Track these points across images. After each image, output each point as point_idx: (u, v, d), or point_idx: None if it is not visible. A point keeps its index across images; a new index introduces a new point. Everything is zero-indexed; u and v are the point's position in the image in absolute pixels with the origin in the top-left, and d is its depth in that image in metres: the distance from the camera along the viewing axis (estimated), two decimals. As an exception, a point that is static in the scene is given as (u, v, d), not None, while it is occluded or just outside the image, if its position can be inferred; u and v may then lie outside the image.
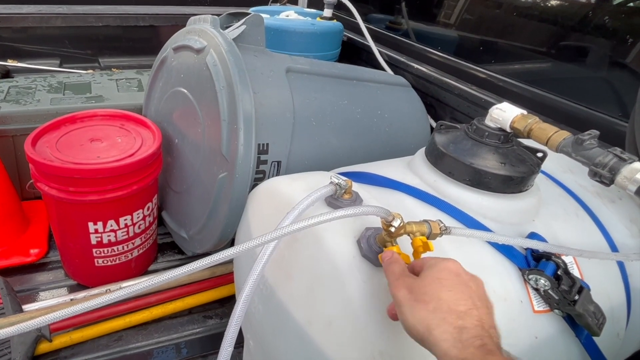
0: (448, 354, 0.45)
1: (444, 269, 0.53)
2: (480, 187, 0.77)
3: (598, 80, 1.18)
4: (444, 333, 0.47)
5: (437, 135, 0.84)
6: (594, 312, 0.69)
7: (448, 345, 0.46)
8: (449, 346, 0.46)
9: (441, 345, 0.46)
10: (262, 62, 1.13)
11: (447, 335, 0.46)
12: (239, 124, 0.99)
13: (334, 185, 0.69)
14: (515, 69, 1.37)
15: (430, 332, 0.47)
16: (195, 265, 0.58)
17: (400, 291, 0.52)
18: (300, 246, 0.74)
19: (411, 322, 0.50)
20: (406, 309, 0.51)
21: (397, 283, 0.54)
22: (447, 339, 0.46)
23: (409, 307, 0.50)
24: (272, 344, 0.83)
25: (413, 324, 0.49)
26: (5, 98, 1.45)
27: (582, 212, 0.85)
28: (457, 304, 0.49)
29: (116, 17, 1.99)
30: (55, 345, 1.07)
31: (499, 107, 0.78)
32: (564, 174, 0.92)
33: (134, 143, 1.16)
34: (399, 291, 0.53)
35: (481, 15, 1.53)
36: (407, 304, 0.51)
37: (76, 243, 1.17)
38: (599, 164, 0.66)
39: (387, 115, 1.33)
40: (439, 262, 0.54)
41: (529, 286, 0.72)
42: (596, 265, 0.77)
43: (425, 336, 0.48)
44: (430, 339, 0.47)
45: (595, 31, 1.17)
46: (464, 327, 0.47)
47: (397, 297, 0.52)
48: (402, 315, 0.51)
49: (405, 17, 1.83)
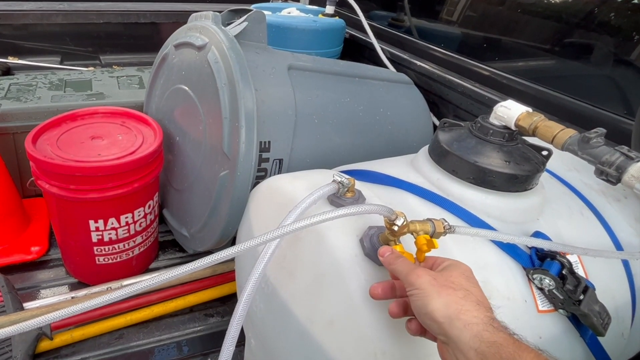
0: (479, 336, 0.45)
1: (467, 269, 0.54)
2: (484, 186, 0.76)
3: (603, 78, 1.17)
4: (474, 317, 0.47)
5: (441, 133, 0.83)
6: (599, 312, 0.68)
7: (479, 328, 0.46)
8: (480, 330, 0.46)
9: (472, 327, 0.46)
10: (263, 59, 1.12)
11: (478, 320, 0.47)
12: (241, 122, 0.99)
13: (337, 183, 0.68)
14: (519, 66, 1.36)
15: (459, 315, 0.47)
16: (197, 264, 0.58)
17: (423, 277, 0.52)
18: (303, 245, 0.73)
19: (435, 305, 0.49)
20: (431, 292, 0.50)
21: (419, 271, 0.53)
22: (477, 322, 0.46)
23: (435, 292, 0.50)
24: (274, 342, 0.83)
25: (437, 307, 0.49)
26: (6, 95, 1.45)
27: (587, 210, 0.85)
28: (483, 299, 0.50)
29: (117, 14, 1.98)
30: (57, 343, 1.07)
31: (504, 104, 0.77)
32: (569, 172, 0.92)
33: (135, 141, 1.16)
34: (421, 277, 0.52)
35: (484, 12, 1.52)
36: (432, 289, 0.50)
37: (77, 241, 1.17)
38: (605, 163, 0.65)
39: (390, 113, 1.32)
40: (460, 263, 0.55)
41: (533, 286, 0.71)
42: (601, 264, 0.77)
43: (450, 320, 0.47)
44: (457, 323, 0.47)
45: (600, 28, 1.16)
46: (493, 318, 0.48)
47: (419, 283, 0.51)
48: (426, 299, 0.50)
49: (407, 14, 1.82)
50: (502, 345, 0.45)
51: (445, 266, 0.55)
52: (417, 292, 0.51)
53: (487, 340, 0.45)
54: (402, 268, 0.55)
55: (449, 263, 0.55)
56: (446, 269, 0.54)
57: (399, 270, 0.56)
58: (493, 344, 0.45)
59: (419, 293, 0.51)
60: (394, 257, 0.58)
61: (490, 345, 0.45)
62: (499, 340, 0.45)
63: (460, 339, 0.46)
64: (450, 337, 0.48)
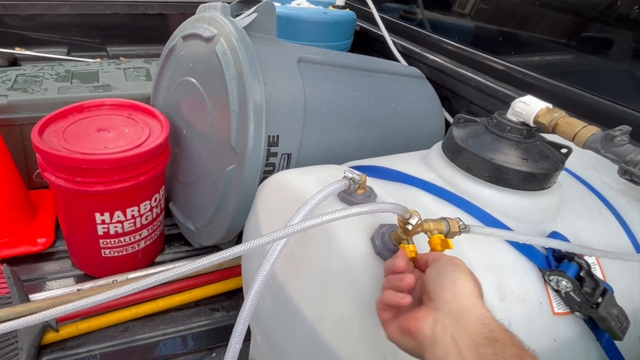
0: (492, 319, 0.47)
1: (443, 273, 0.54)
2: (500, 184, 0.74)
3: (625, 73, 1.13)
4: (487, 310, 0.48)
5: (455, 129, 0.81)
6: (618, 315, 0.66)
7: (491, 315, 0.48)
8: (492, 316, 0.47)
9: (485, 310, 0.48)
10: (273, 52, 1.10)
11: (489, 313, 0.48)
12: (249, 115, 0.97)
13: (348, 179, 0.66)
14: (535, 61, 1.32)
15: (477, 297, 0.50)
16: (204, 261, 0.57)
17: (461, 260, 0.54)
18: (312, 242, 0.72)
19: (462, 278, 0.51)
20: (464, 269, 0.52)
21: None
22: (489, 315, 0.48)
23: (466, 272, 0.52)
24: (280, 339, 0.82)
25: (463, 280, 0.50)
26: (12, 86, 1.44)
27: (605, 210, 0.82)
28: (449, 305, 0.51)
29: (125, 5, 1.96)
30: (62, 335, 1.06)
31: (523, 100, 0.74)
32: (587, 170, 0.89)
33: (142, 133, 1.14)
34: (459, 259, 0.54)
35: (499, 3, 1.47)
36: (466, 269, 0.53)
37: (83, 233, 1.16)
38: (630, 162, 0.63)
39: (401, 108, 1.29)
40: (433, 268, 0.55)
41: (549, 287, 0.69)
42: (620, 266, 0.74)
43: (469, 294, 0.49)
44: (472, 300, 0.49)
45: (621, 20, 1.11)
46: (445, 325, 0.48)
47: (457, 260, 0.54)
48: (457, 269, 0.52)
49: (420, 6, 1.78)
50: (513, 338, 0.45)
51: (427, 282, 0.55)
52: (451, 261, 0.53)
53: (498, 326, 0.46)
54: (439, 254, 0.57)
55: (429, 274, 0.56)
56: None
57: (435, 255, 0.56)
58: (504, 330, 0.46)
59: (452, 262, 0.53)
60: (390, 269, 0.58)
61: (501, 330, 0.45)
62: (509, 334, 0.46)
63: (470, 311, 0.48)
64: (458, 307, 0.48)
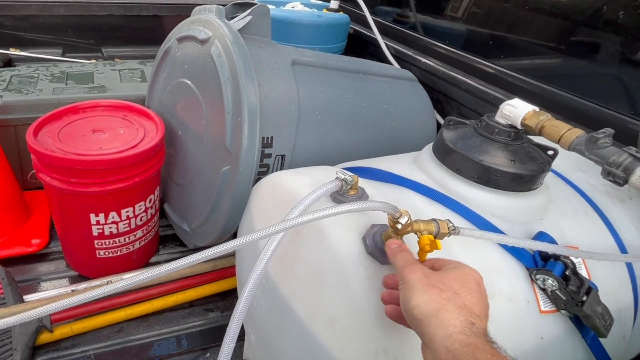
0: (453, 337, 0.45)
1: (468, 274, 0.52)
2: (488, 185, 0.75)
3: (611, 77, 1.16)
4: (453, 319, 0.46)
5: (446, 131, 0.82)
6: (602, 313, 0.68)
7: (456, 330, 0.45)
8: (456, 331, 0.45)
9: (447, 328, 0.45)
10: (267, 54, 1.11)
11: (457, 322, 0.46)
12: (244, 117, 0.98)
13: (340, 180, 0.68)
14: (524, 65, 1.34)
15: (437, 314, 0.47)
16: (198, 257, 0.57)
17: (415, 274, 0.51)
18: (304, 241, 0.73)
19: (417, 301, 0.48)
20: (417, 289, 0.50)
21: (413, 267, 0.53)
22: (455, 324, 0.46)
23: (421, 289, 0.49)
24: (274, 338, 0.83)
25: (418, 303, 0.48)
26: (7, 87, 1.44)
27: (591, 211, 0.84)
28: (473, 305, 0.48)
29: (120, 6, 1.96)
30: (56, 336, 1.07)
31: (510, 103, 0.76)
32: (574, 172, 0.91)
33: (137, 134, 1.15)
34: (413, 273, 0.52)
35: (490, 8, 1.50)
36: (420, 286, 0.50)
37: (78, 234, 1.17)
38: (613, 163, 0.65)
39: (393, 110, 1.31)
40: (464, 267, 0.54)
41: (536, 286, 0.71)
42: (604, 265, 0.76)
43: (428, 317, 0.47)
44: (434, 321, 0.46)
45: (607, 26, 1.14)
46: (474, 323, 0.47)
47: (409, 278, 0.51)
48: (409, 293, 0.50)
49: (413, 9, 1.81)
50: (478, 348, 0.44)
51: (447, 268, 0.54)
52: (405, 286, 0.51)
53: (461, 341, 0.44)
54: (400, 262, 0.56)
55: (453, 265, 0.55)
56: (446, 270, 0.53)
57: (397, 263, 0.56)
58: (468, 345, 0.44)
59: (405, 287, 0.51)
60: (398, 249, 0.58)
61: (465, 345, 0.44)
62: (475, 343, 0.44)
63: (434, 336, 0.46)
64: (424, 335, 0.47)
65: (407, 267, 0.53)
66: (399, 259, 0.56)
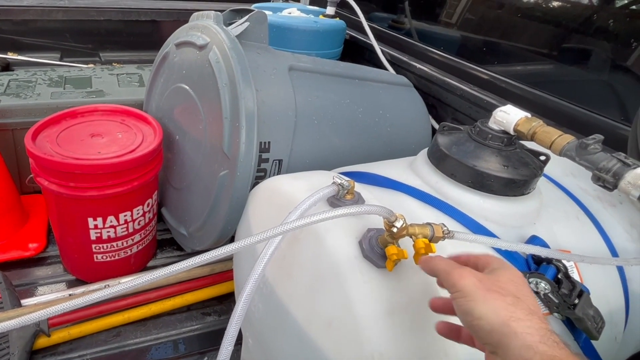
0: (533, 348, 0.42)
1: (517, 275, 0.50)
2: (482, 190, 0.76)
3: (601, 84, 1.18)
4: (528, 327, 0.43)
5: (440, 137, 0.84)
6: (594, 316, 0.69)
7: (534, 339, 0.42)
8: (535, 340, 0.42)
9: (525, 337, 0.42)
10: (264, 60, 1.13)
11: (533, 330, 0.43)
12: (241, 122, 0.99)
13: (337, 185, 0.69)
14: (517, 71, 1.37)
15: (509, 323, 0.43)
16: (195, 260, 0.58)
17: (467, 278, 0.48)
18: (302, 246, 0.74)
19: (482, 311, 0.45)
20: (476, 296, 0.46)
21: (461, 271, 0.49)
22: (532, 333, 0.43)
23: (481, 296, 0.46)
24: (272, 342, 0.83)
25: (484, 313, 0.44)
26: (5, 91, 1.44)
27: (582, 215, 0.85)
28: (535, 306, 0.46)
29: (118, 11, 1.98)
30: (54, 340, 1.07)
31: (503, 109, 0.78)
32: (566, 177, 0.92)
33: (135, 139, 1.16)
34: (465, 278, 0.48)
35: (484, 15, 1.52)
36: (478, 292, 0.46)
37: (75, 238, 1.17)
38: (602, 169, 0.66)
39: (389, 115, 1.32)
40: (509, 266, 0.51)
41: (529, 289, 0.72)
42: (596, 269, 0.77)
43: (500, 326, 0.44)
44: (507, 330, 0.43)
45: (598, 34, 1.17)
46: (548, 329, 0.44)
47: (462, 284, 0.47)
48: (470, 303, 0.46)
49: (408, 16, 1.83)
50: None
51: (493, 269, 0.51)
52: (461, 295, 0.47)
53: (543, 352, 0.41)
54: (442, 266, 0.52)
55: (497, 265, 0.51)
56: (494, 272, 0.50)
57: (438, 268, 0.52)
58: (553, 357, 0.41)
59: (462, 297, 0.47)
60: (431, 258, 0.55)
61: (549, 358, 0.41)
62: (559, 355, 0.41)
63: (509, 348, 0.42)
64: (499, 347, 0.44)
65: (453, 271, 0.49)
66: (438, 263, 0.52)
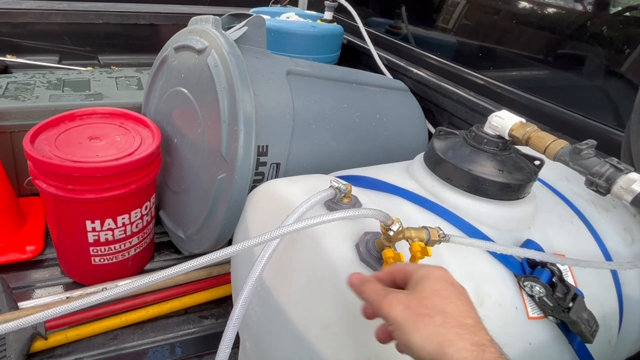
0: None
1: (439, 279, 0.48)
2: (478, 194, 0.77)
3: (595, 89, 1.20)
4: (462, 351, 0.42)
5: (436, 141, 0.85)
6: (588, 319, 0.70)
7: (469, 355, 0.41)
8: (470, 357, 0.41)
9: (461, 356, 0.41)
10: (263, 64, 1.14)
11: (467, 354, 0.42)
12: (239, 126, 1.00)
13: (334, 189, 0.69)
14: (513, 76, 1.38)
15: (444, 350, 0.42)
16: (193, 263, 0.58)
17: (395, 308, 0.46)
18: (299, 249, 0.74)
19: (416, 342, 0.43)
20: (408, 327, 0.44)
21: (387, 300, 0.47)
22: (467, 357, 0.41)
23: (412, 325, 0.44)
24: (269, 345, 0.83)
25: (419, 344, 0.43)
26: (3, 94, 1.45)
27: (577, 219, 0.86)
28: (464, 316, 0.45)
29: (116, 14, 1.98)
30: (51, 343, 1.07)
31: (498, 114, 0.79)
32: (560, 181, 0.93)
33: (133, 142, 1.16)
34: (394, 308, 0.46)
35: (480, 21, 1.54)
36: (409, 322, 0.45)
37: (73, 241, 1.17)
38: (595, 174, 0.67)
39: (386, 120, 1.33)
40: (431, 272, 0.49)
41: (524, 293, 0.72)
42: (590, 272, 0.78)
43: (437, 354, 0.42)
44: (443, 358, 0.42)
45: (592, 40, 1.18)
46: (481, 344, 0.43)
47: (392, 316, 0.46)
48: (405, 335, 0.45)
49: (405, 21, 1.84)
50: None
51: (417, 280, 0.49)
52: (395, 328, 0.46)
53: None
54: (372, 296, 0.50)
55: (419, 275, 0.49)
56: (418, 286, 0.48)
57: (369, 299, 0.50)
58: None
59: (397, 329, 0.46)
60: (362, 282, 0.52)
61: None
62: None
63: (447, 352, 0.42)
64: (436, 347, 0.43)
65: (383, 301, 0.48)
66: (369, 292, 0.50)
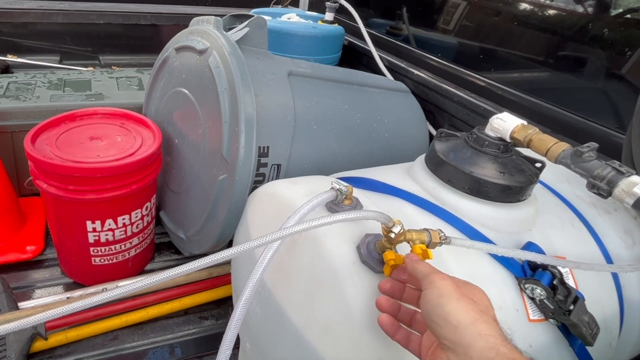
0: (495, 349, 0.45)
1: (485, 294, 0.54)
2: (479, 196, 0.77)
3: (596, 91, 1.20)
4: (492, 331, 0.46)
5: (437, 143, 0.85)
6: (589, 322, 0.70)
7: (497, 342, 0.45)
8: (497, 343, 0.45)
9: (488, 339, 0.46)
10: (264, 65, 1.14)
11: (496, 334, 0.46)
12: (240, 126, 1.00)
13: (335, 190, 0.69)
14: (514, 78, 1.38)
15: (476, 324, 0.47)
16: (194, 265, 0.58)
17: (447, 281, 0.52)
18: (300, 250, 0.74)
19: (453, 307, 0.48)
20: (452, 295, 0.50)
21: (444, 275, 0.53)
22: (495, 336, 0.46)
23: (456, 296, 0.50)
24: (269, 347, 0.83)
25: (455, 309, 0.48)
26: (4, 94, 1.45)
27: (578, 222, 0.86)
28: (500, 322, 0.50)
29: (118, 15, 1.98)
30: (51, 344, 1.06)
31: (500, 116, 0.79)
32: (561, 184, 0.93)
33: (134, 142, 1.16)
34: (445, 280, 0.52)
35: (481, 23, 1.54)
36: (454, 292, 0.50)
37: (73, 241, 1.17)
38: (597, 177, 0.67)
39: (387, 121, 1.33)
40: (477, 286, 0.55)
41: (525, 295, 0.72)
42: (591, 275, 0.78)
43: (466, 324, 0.47)
44: (471, 329, 0.46)
45: (593, 42, 1.18)
46: (507, 337, 0.48)
47: (442, 285, 0.51)
48: (443, 299, 0.50)
49: (406, 22, 1.84)
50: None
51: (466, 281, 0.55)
52: (436, 291, 0.51)
53: (504, 354, 0.44)
54: (426, 268, 0.55)
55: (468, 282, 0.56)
56: (468, 284, 0.54)
57: (422, 269, 0.56)
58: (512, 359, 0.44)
59: (435, 292, 0.51)
60: (416, 260, 0.58)
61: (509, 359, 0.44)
62: (518, 358, 0.44)
63: (472, 345, 0.46)
64: (460, 343, 0.47)
65: (436, 274, 0.53)
66: (424, 266, 0.56)
